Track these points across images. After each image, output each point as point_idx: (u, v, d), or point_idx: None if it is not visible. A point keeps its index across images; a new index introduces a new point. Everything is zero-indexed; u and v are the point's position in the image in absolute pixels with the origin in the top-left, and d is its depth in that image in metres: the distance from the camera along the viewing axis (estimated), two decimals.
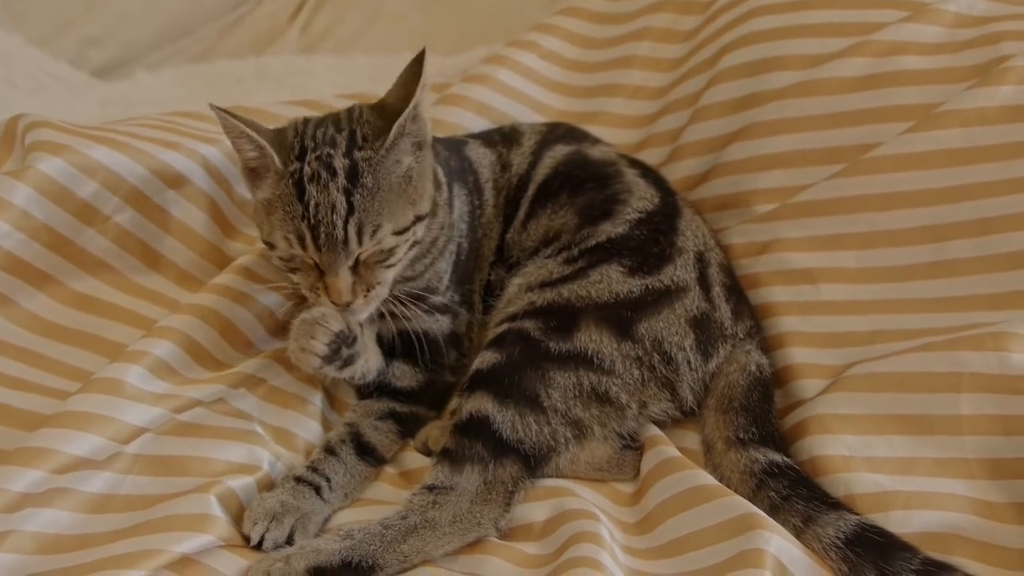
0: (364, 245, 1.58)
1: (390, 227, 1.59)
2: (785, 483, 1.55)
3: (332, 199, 1.55)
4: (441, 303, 1.80)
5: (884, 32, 1.95)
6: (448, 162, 1.87)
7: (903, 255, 1.78)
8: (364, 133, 1.61)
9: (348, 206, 1.55)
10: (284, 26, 3.20)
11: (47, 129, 1.89)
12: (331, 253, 1.57)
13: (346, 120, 1.65)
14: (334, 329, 1.63)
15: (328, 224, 1.55)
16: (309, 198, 1.56)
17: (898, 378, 1.63)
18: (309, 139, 1.61)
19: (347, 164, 1.57)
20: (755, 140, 1.99)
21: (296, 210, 1.57)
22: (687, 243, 1.78)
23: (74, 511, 1.48)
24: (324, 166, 1.57)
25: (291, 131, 1.65)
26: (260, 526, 1.50)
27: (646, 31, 2.32)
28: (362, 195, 1.56)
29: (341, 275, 1.58)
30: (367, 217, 1.57)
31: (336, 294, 1.59)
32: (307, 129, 1.64)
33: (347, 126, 1.63)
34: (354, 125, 1.63)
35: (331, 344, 1.63)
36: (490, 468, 1.56)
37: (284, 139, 1.63)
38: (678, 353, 1.68)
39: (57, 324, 1.81)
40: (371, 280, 1.62)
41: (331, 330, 1.62)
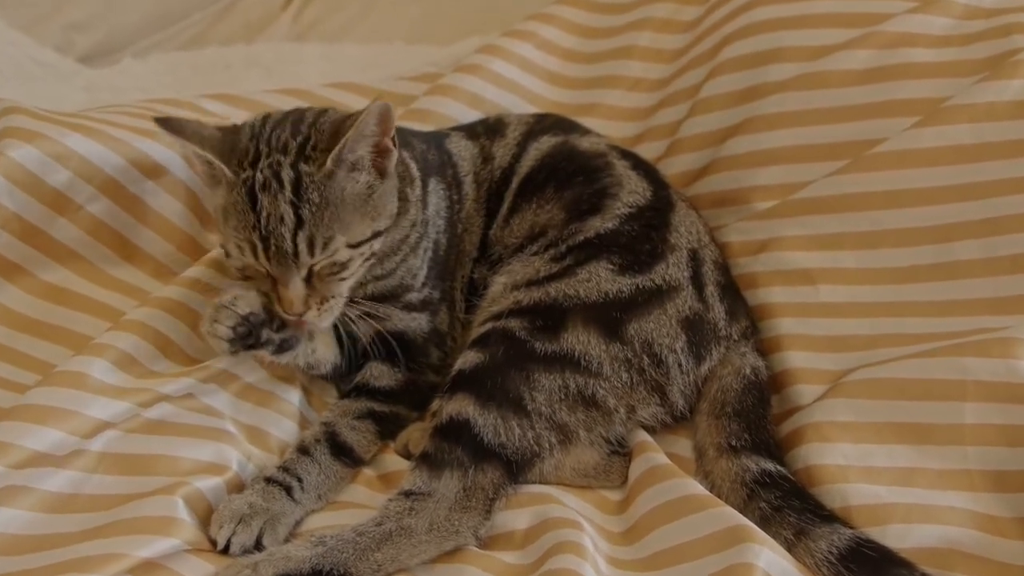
0: (315, 257, 1.56)
1: (343, 240, 1.57)
2: (777, 493, 1.52)
3: (281, 211, 1.53)
4: (418, 300, 1.77)
5: (890, 23, 1.91)
6: (425, 156, 1.84)
7: (906, 256, 1.73)
8: (315, 144, 1.58)
9: (296, 219, 1.54)
10: (276, 13, 3.18)
11: (20, 115, 1.87)
12: (282, 265, 1.56)
13: (307, 124, 1.62)
14: (240, 312, 1.59)
15: (278, 236, 1.53)
16: (261, 208, 1.54)
17: (899, 384, 1.59)
18: (264, 143, 1.59)
19: (292, 177, 1.55)
20: (755, 134, 1.95)
21: (248, 219, 1.55)
22: (680, 240, 1.74)
23: (34, 510, 1.45)
24: (274, 175, 1.55)
25: (247, 132, 1.63)
26: (226, 529, 1.47)
27: (646, 21, 2.29)
28: (310, 209, 1.54)
29: (292, 286, 1.57)
30: (317, 230, 1.54)
31: (288, 304, 1.58)
32: (263, 130, 1.62)
33: (304, 131, 1.60)
34: (310, 132, 1.60)
35: (237, 327, 1.59)
36: (470, 474, 1.52)
37: (238, 142, 1.61)
38: (669, 355, 1.64)
39: (27, 316, 1.79)
40: (325, 292, 1.60)
41: (237, 313, 1.59)
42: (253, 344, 1.61)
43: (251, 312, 1.60)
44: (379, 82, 2.37)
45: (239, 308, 1.59)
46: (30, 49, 2.78)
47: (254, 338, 1.61)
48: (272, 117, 1.65)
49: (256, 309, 1.61)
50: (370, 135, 1.58)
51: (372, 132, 1.58)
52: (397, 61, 2.63)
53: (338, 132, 1.57)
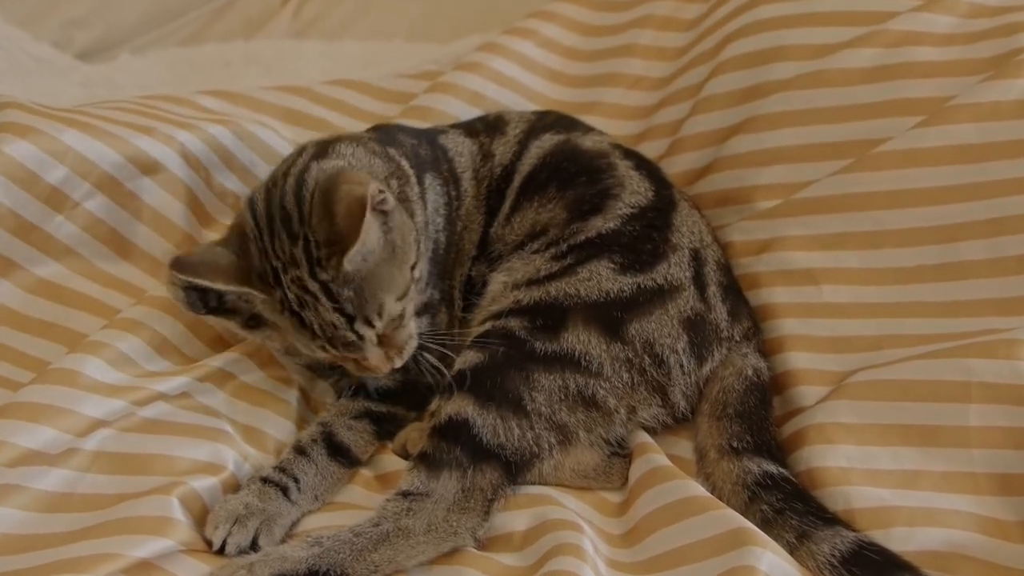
0: (377, 328, 1.55)
1: (390, 298, 1.56)
2: (779, 496, 1.50)
3: (329, 318, 1.53)
4: (420, 304, 1.74)
5: (894, 21, 1.89)
6: (416, 151, 1.81)
7: (911, 256, 1.72)
8: (316, 242, 1.51)
9: (345, 317, 1.53)
10: (276, 10, 3.16)
11: (15, 111, 1.84)
12: (353, 349, 1.56)
13: (296, 220, 1.55)
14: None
15: (339, 336, 1.54)
16: (310, 323, 1.54)
17: (903, 386, 1.58)
18: (275, 259, 1.54)
19: (319, 287, 1.52)
20: (758, 133, 1.94)
21: (307, 332, 1.55)
22: (682, 240, 1.72)
23: (27, 509, 1.43)
24: (302, 290, 1.53)
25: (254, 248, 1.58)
26: (222, 529, 1.45)
27: (648, 19, 2.28)
28: (351, 303, 1.52)
29: (372, 356, 1.57)
30: (367, 311, 1.53)
31: (376, 370, 1.59)
32: (264, 243, 1.56)
33: (299, 230, 1.53)
34: (305, 231, 1.53)
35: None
36: (469, 474, 1.50)
37: (251, 261, 1.57)
38: (670, 356, 1.63)
39: (22, 314, 1.77)
40: (399, 341, 1.60)
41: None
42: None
43: None
44: (379, 79, 2.35)
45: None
46: (27, 44, 2.76)
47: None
48: (260, 215, 1.59)
49: None
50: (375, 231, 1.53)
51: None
52: (397, 58, 2.62)
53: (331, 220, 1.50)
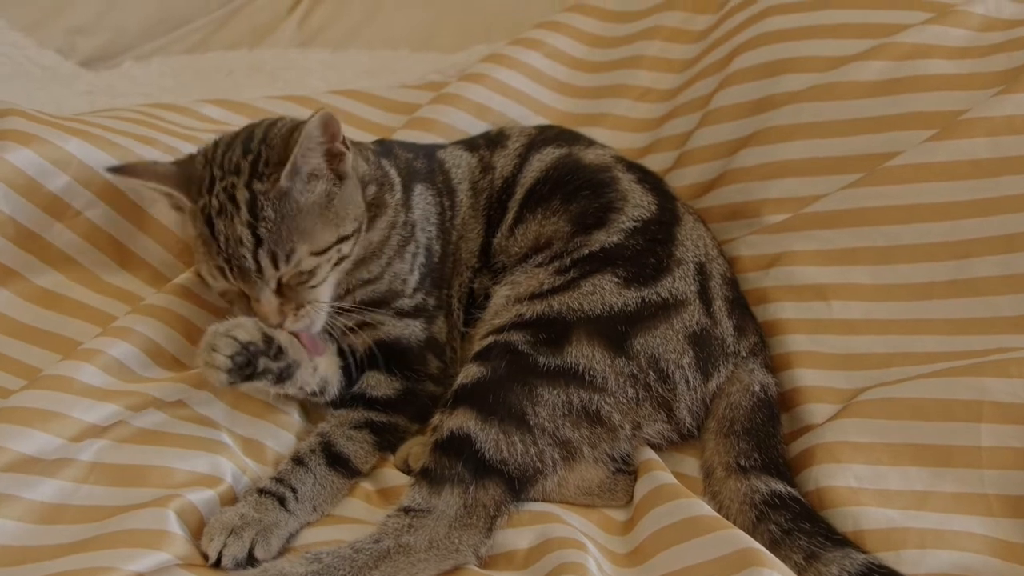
0: (281, 270, 1.56)
1: (307, 248, 1.57)
2: (787, 515, 1.49)
3: (238, 233, 1.55)
4: (410, 306, 1.76)
5: (906, 34, 1.88)
6: (410, 164, 1.85)
7: (922, 272, 1.70)
8: (266, 159, 1.59)
9: (255, 238, 1.55)
10: (281, 19, 3.16)
11: (18, 118, 1.84)
12: (248, 282, 1.57)
13: (256, 141, 1.63)
14: (241, 339, 1.57)
15: (239, 257, 1.55)
16: (219, 233, 1.56)
17: (914, 405, 1.56)
18: (217, 167, 1.61)
19: (248, 197, 1.56)
20: (767, 146, 1.93)
21: (212, 246, 1.58)
22: (686, 253, 1.71)
23: (21, 520, 1.42)
24: (229, 198, 1.57)
25: (200, 160, 1.65)
26: (217, 541, 1.44)
27: (656, 30, 2.28)
28: (267, 226, 1.55)
29: (265, 301, 1.57)
30: (277, 245, 1.55)
31: (264, 317, 1.58)
32: (216, 154, 1.63)
33: (254, 149, 1.61)
34: (260, 147, 1.61)
35: (236, 356, 1.56)
36: (471, 490, 1.49)
37: (193, 171, 1.64)
38: (676, 371, 1.61)
39: (20, 322, 1.76)
40: (299, 299, 1.60)
41: (236, 340, 1.57)
42: (251, 375, 1.59)
43: (250, 341, 1.57)
44: (383, 90, 2.35)
45: (239, 336, 1.57)
46: (31, 51, 2.77)
47: (252, 368, 1.58)
48: (224, 139, 1.67)
49: (255, 338, 1.58)
50: (317, 146, 1.58)
51: (318, 142, 1.58)
52: (402, 69, 2.61)
53: (288, 145, 1.57)
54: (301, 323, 1.60)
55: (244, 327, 1.58)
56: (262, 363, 1.58)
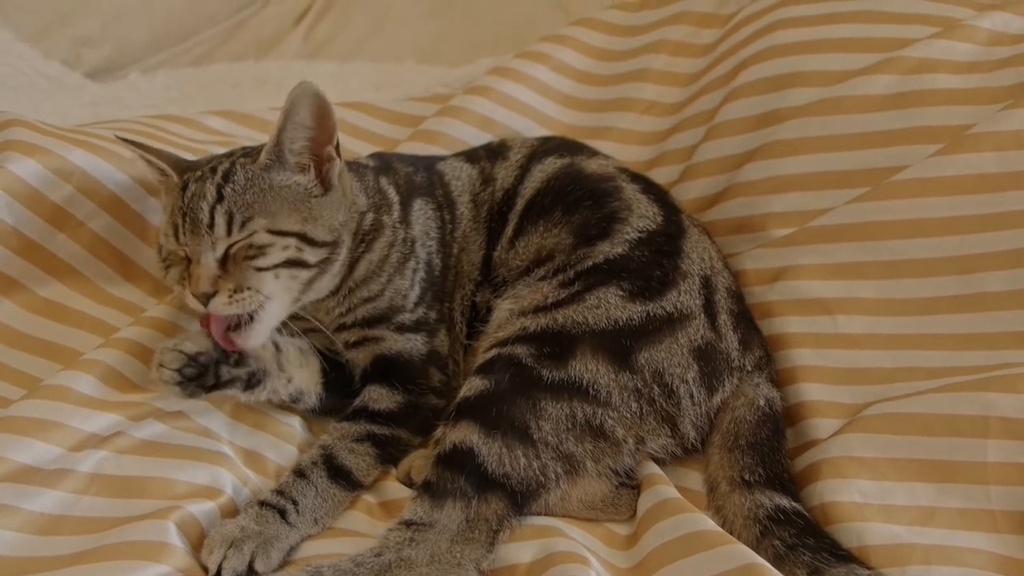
0: (233, 236, 1.57)
1: (264, 223, 1.59)
2: (791, 531, 1.48)
3: (204, 190, 1.59)
4: (411, 321, 1.76)
5: (913, 48, 1.87)
6: (410, 178, 1.86)
7: (928, 286, 1.69)
8: (258, 150, 1.64)
9: (218, 195, 1.58)
10: (287, 32, 3.16)
11: (21, 128, 1.84)
12: (196, 237, 1.58)
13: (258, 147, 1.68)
14: (187, 351, 1.58)
15: (197, 209, 1.57)
16: (188, 190, 1.60)
17: (920, 420, 1.55)
18: (219, 157, 1.68)
19: (227, 167, 1.62)
20: (773, 160, 1.92)
21: (177, 204, 1.61)
22: (692, 266, 1.70)
23: (21, 531, 1.42)
24: (211, 169, 1.63)
25: (208, 159, 1.70)
26: (217, 554, 1.43)
27: (662, 44, 2.28)
28: (233, 188, 1.59)
29: (203, 262, 1.57)
30: (236, 207, 1.58)
31: (195, 281, 1.57)
32: (223, 154, 1.70)
33: (253, 150, 1.67)
34: (257, 147, 1.67)
35: (184, 368, 1.58)
36: (473, 504, 1.48)
37: (195, 164, 1.69)
38: (680, 386, 1.60)
39: (22, 332, 1.77)
40: (240, 280, 1.57)
41: (183, 353, 1.58)
42: (215, 384, 1.59)
43: (199, 352, 1.58)
44: (389, 102, 2.35)
45: (185, 348, 1.58)
46: (36, 62, 2.78)
47: (213, 378, 1.59)
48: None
49: (205, 349, 1.59)
50: (302, 126, 1.61)
51: (305, 123, 1.61)
52: (408, 81, 2.62)
53: None
54: (232, 308, 1.57)
55: (192, 339, 1.59)
56: (225, 372, 1.60)
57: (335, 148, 1.64)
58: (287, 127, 1.59)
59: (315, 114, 1.59)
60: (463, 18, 3.15)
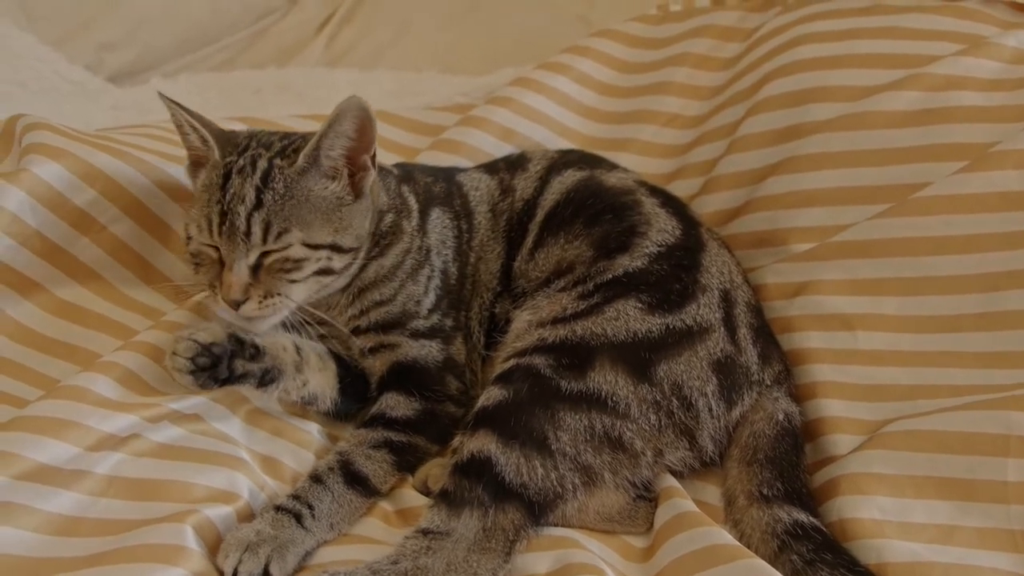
0: (268, 243, 1.59)
1: (300, 236, 1.61)
2: (810, 546, 1.46)
3: (244, 191, 1.59)
4: (426, 327, 1.77)
5: (938, 65, 1.87)
6: (429, 188, 1.87)
7: (950, 304, 1.68)
8: (296, 147, 1.65)
9: (257, 200, 1.59)
10: (309, 39, 3.17)
11: (45, 131, 1.84)
12: (231, 242, 1.59)
13: (296, 136, 1.70)
14: (200, 341, 1.58)
15: (235, 213, 1.58)
16: (230, 186, 1.61)
17: (940, 438, 1.54)
18: (255, 140, 1.68)
19: (265, 167, 1.62)
20: (795, 174, 1.91)
21: (216, 196, 1.61)
22: (711, 280, 1.70)
23: (38, 532, 1.40)
24: (251, 162, 1.63)
25: (244, 135, 1.72)
26: (233, 558, 1.43)
27: (684, 56, 2.28)
28: (272, 196, 1.60)
29: (236, 269, 1.59)
30: (274, 216, 1.59)
31: (227, 288, 1.59)
32: (257, 134, 1.71)
33: (291, 138, 1.69)
34: (296, 139, 1.68)
35: (197, 358, 1.58)
36: (490, 514, 1.47)
37: (234, 139, 1.70)
38: (699, 399, 1.60)
39: (42, 335, 1.76)
40: (271, 287, 1.61)
41: (196, 342, 1.58)
42: (228, 378, 1.60)
43: (213, 342, 1.58)
44: (409, 111, 2.35)
45: (199, 338, 1.58)
46: (59, 66, 2.79)
47: (226, 371, 1.59)
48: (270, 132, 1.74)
49: (219, 339, 1.59)
50: (345, 135, 1.62)
51: (348, 134, 1.62)
52: (429, 90, 2.62)
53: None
54: (262, 312, 1.61)
55: (207, 329, 1.59)
56: (239, 365, 1.60)
57: (371, 158, 1.65)
58: (329, 135, 1.61)
59: (358, 126, 1.61)
60: (484, 28, 3.15)
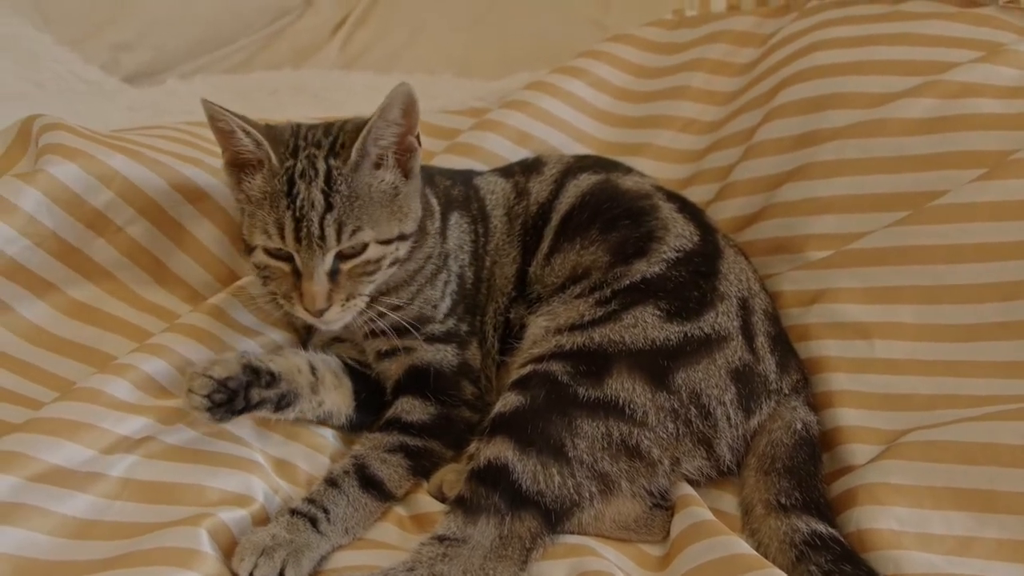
0: (342, 243, 1.58)
1: (372, 234, 1.61)
2: (828, 557, 1.45)
3: (313, 197, 1.57)
4: (441, 332, 1.77)
5: (955, 72, 1.86)
6: (448, 191, 1.87)
7: (968, 313, 1.67)
8: (343, 142, 1.63)
9: (326, 204, 1.57)
10: (324, 41, 3.17)
11: (62, 132, 1.84)
12: (308, 250, 1.57)
13: (336, 128, 1.67)
14: (216, 376, 1.55)
15: (308, 220, 1.57)
16: (297, 192, 1.58)
17: (959, 448, 1.52)
18: (301, 139, 1.64)
19: (325, 168, 1.59)
20: (811, 181, 1.91)
21: (282, 203, 1.58)
22: (729, 288, 1.69)
23: (53, 535, 1.41)
24: (310, 165, 1.60)
25: (286, 130, 1.68)
26: (248, 562, 1.43)
27: (700, 62, 2.27)
28: (339, 199, 1.58)
29: (317, 278, 1.58)
30: (346, 218, 1.58)
31: (310, 300, 1.58)
32: (299, 130, 1.67)
33: (333, 133, 1.65)
34: (339, 133, 1.65)
35: (214, 394, 1.54)
36: (507, 521, 1.47)
37: (280, 136, 1.66)
38: (717, 407, 1.59)
39: (57, 336, 1.77)
40: (351, 289, 1.62)
41: (212, 378, 1.55)
42: (244, 408, 1.58)
43: (228, 377, 1.56)
44: (424, 114, 2.33)
45: (215, 373, 1.55)
46: (75, 65, 2.79)
47: (243, 402, 1.57)
48: (304, 124, 1.71)
49: (234, 373, 1.57)
50: (394, 122, 1.61)
51: (396, 120, 1.61)
52: (443, 93, 2.61)
53: (361, 129, 1.61)
54: (344, 316, 1.63)
55: (221, 363, 1.57)
56: (256, 394, 1.58)
57: (416, 137, 1.65)
58: (379, 124, 1.59)
59: (404, 110, 1.60)
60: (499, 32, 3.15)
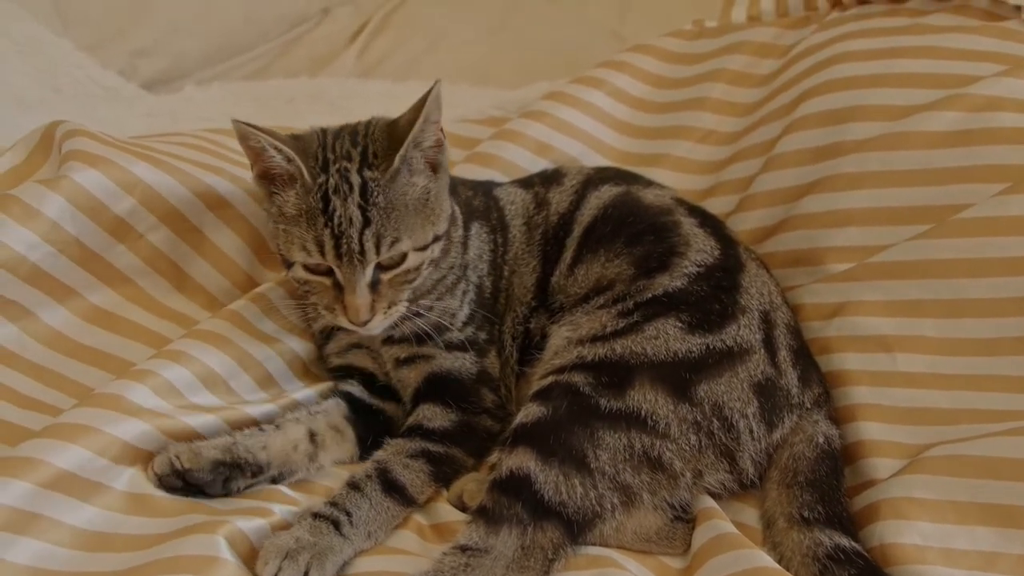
0: (381, 256, 1.59)
1: (410, 243, 1.62)
2: (851, 571, 1.45)
3: (350, 212, 1.58)
4: (459, 340, 1.77)
5: (979, 86, 1.85)
6: (469, 201, 1.87)
7: (991, 327, 1.66)
8: (374, 151, 1.63)
9: (364, 219, 1.58)
10: (342, 49, 3.17)
11: (85, 138, 1.84)
12: (350, 265, 1.59)
13: (361, 135, 1.66)
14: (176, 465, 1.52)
15: (348, 236, 1.57)
16: (334, 209, 1.58)
17: (984, 463, 1.52)
18: (330, 151, 1.64)
19: (360, 181, 1.60)
20: (832, 193, 1.90)
21: (320, 221, 1.59)
22: (751, 301, 1.69)
23: (71, 547, 1.40)
24: (343, 179, 1.60)
25: (313, 141, 1.68)
26: (272, 565, 1.42)
27: (720, 73, 2.27)
28: (376, 212, 1.58)
29: (359, 291, 1.60)
30: (384, 230, 1.59)
31: (354, 312, 1.61)
32: (326, 140, 1.67)
33: (361, 141, 1.65)
34: (367, 141, 1.65)
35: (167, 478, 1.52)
36: (529, 532, 1.46)
37: (308, 148, 1.66)
38: (740, 420, 1.58)
39: (77, 342, 1.76)
40: (393, 297, 1.64)
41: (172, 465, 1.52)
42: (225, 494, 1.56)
43: (190, 469, 1.52)
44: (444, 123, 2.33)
45: (179, 461, 1.52)
46: (94, 71, 2.79)
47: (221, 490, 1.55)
48: (328, 130, 1.70)
49: (199, 467, 1.53)
50: (434, 122, 1.62)
51: (436, 119, 1.62)
52: (461, 103, 2.60)
53: (392, 135, 1.63)
54: (387, 322, 1.65)
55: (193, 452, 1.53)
56: (237, 485, 1.57)
57: (440, 129, 1.66)
58: (423, 128, 1.60)
59: (439, 107, 1.62)
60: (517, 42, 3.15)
